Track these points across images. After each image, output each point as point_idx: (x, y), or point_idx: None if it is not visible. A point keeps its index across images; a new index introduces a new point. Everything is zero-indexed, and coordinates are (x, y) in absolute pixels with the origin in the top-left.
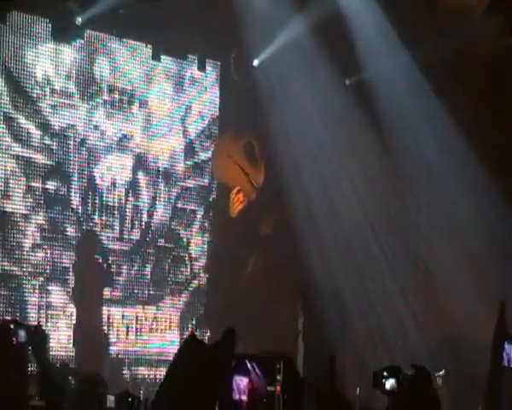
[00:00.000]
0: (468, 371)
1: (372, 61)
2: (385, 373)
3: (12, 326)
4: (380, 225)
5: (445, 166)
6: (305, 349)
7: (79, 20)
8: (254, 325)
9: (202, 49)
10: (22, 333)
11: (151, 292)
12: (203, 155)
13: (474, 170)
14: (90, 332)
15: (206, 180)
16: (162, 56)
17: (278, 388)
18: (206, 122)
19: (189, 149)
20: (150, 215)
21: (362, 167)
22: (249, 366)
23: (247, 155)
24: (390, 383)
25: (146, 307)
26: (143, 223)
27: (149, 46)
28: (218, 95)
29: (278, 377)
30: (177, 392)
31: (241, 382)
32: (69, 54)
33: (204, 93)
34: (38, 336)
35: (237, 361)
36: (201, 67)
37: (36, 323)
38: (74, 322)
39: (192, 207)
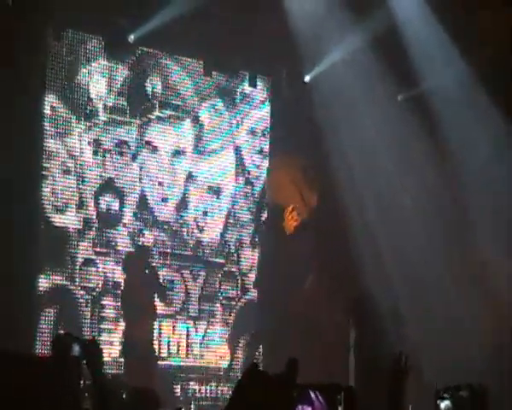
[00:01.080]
0: None
1: (428, 71)
2: (444, 395)
3: (66, 340)
4: (436, 232)
5: (498, 172)
6: (356, 364)
7: (132, 37)
8: (305, 341)
9: (253, 66)
10: (76, 347)
11: (202, 307)
12: (254, 172)
13: None
14: (141, 346)
15: (257, 196)
16: (213, 72)
17: None
18: (258, 139)
19: (241, 166)
20: (201, 230)
21: (418, 177)
22: (312, 395)
23: (306, 177)
24: (445, 405)
25: (197, 321)
26: (194, 238)
27: (201, 62)
28: (269, 111)
29: (340, 409)
30: None
31: None
32: (122, 71)
33: (255, 109)
34: (93, 351)
35: (300, 390)
36: (253, 84)
37: (90, 337)
38: (126, 336)
39: (243, 223)
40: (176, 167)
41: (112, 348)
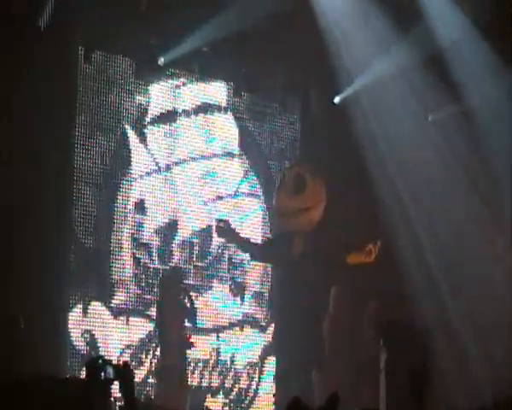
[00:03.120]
0: None
1: (471, 90)
2: None
3: (98, 363)
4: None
5: None
6: (387, 387)
7: (162, 60)
8: (333, 361)
9: (284, 86)
10: (109, 370)
11: (232, 327)
12: None
13: None
14: (172, 368)
15: None
16: (243, 93)
17: None
18: (287, 160)
19: (271, 187)
20: (233, 251)
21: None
22: None
23: (295, 185)
24: None
25: (227, 341)
26: (226, 259)
27: (231, 83)
28: (299, 132)
29: None
30: None
31: None
32: (152, 93)
33: (284, 130)
34: (125, 373)
35: None
36: (282, 104)
37: (122, 359)
38: (156, 358)
39: None
40: (206, 188)
41: (143, 370)
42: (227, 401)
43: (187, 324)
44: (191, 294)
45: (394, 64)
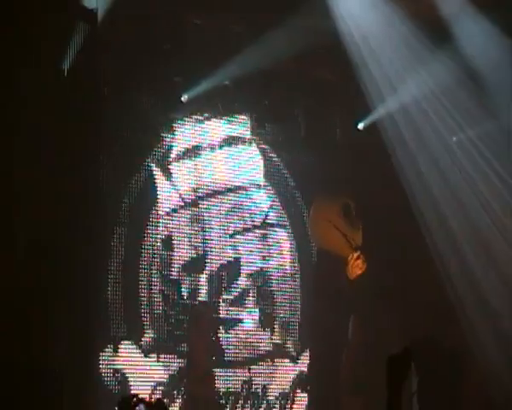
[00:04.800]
0: None
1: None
2: None
3: (133, 401)
4: None
5: None
6: None
7: (185, 97)
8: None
9: (306, 114)
10: (142, 407)
11: (263, 359)
12: None
13: None
14: (203, 403)
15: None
16: (266, 124)
17: None
18: (313, 188)
19: (298, 217)
20: (261, 283)
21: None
22: None
23: (345, 216)
24: None
25: (258, 374)
26: (255, 291)
27: (254, 115)
28: (323, 159)
29: None
30: None
31: None
32: (176, 129)
33: (309, 159)
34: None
35: None
36: (306, 133)
37: (156, 397)
38: (186, 393)
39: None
40: (233, 220)
41: (175, 407)
42: None
43: (214, 358)
44: (219, 328)
45: (424, 85)
